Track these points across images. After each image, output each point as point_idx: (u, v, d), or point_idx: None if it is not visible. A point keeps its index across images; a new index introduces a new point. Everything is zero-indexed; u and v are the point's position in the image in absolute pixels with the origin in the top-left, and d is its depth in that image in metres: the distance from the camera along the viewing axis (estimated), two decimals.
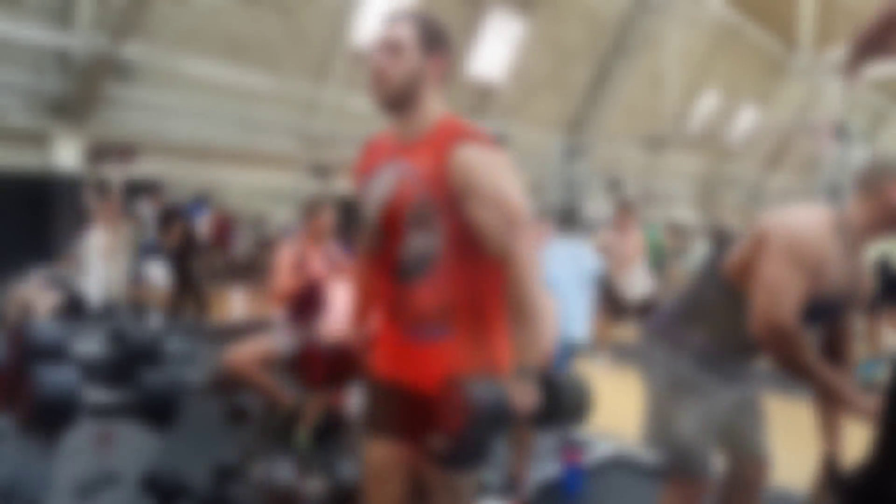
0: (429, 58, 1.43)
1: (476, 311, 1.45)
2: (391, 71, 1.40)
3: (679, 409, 1.75)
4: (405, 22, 1.42)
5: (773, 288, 1.55)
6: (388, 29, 1.42)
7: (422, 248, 1.42)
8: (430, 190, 1.39)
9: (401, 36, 1.41)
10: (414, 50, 1.41)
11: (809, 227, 1.60)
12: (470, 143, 1.39)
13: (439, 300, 1.42)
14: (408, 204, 1.41)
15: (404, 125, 1.47)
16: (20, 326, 2.06)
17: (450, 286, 1.42)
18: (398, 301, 1.48)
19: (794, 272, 1.55)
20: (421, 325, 1.45)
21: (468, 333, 1.44)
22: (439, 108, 1.48)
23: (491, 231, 1.37)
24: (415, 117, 1.45)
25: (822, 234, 1.58)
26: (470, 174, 1.37)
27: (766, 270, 1.58)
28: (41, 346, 2.02)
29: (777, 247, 1.58)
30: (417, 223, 1.41)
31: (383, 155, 1.52)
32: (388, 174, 1.47)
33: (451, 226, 1.40)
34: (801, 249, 1.56)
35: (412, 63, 1.41)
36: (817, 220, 1.61)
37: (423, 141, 1.44)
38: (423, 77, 1.42)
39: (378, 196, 1.48)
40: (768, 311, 1.55)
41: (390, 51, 1.40)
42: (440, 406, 1.34)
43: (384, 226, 1.46)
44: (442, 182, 1.38)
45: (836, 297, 1.66)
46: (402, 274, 1.45)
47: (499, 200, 1.36)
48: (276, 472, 2.36)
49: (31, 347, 2.00)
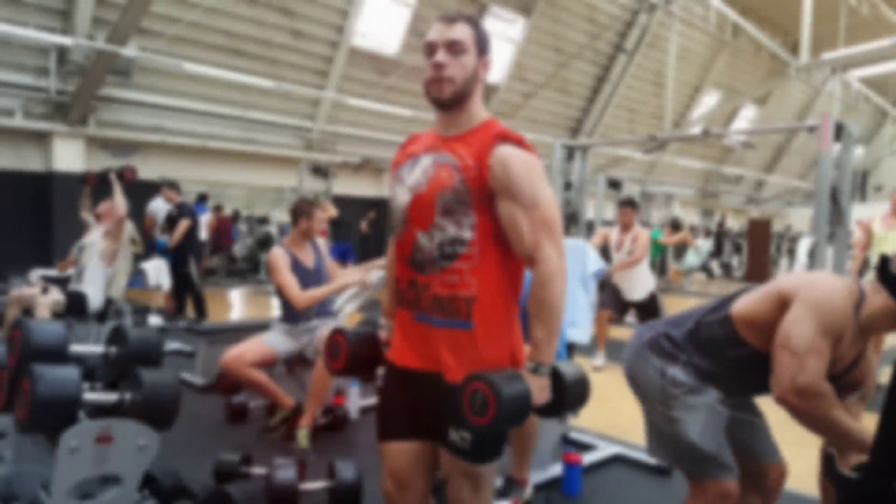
0: (481, 59, 1.49)
1: (496, 306, 1.47)
2: (454, 70, 1.44)
3: (684, 414, 1.73)
4: (464, 23, 1.47)
5: (805, 350, 1.53)
6: (450, 29, 1.46)
7: (449, 236, 1.45)
8: (467, 180, 1.43)
9: (463, 36, 1.45)
10: (473, 50, 1.47)
11: (840, 296, 1.58)
12: (513, 144, 1.45)
13: (463, 290, 1.45)
14: (442, 189, 1.44)
15: (452, 122, 1.51)
16: (20, 326, 2.06)
17: (474, 277, 1.45)
18: (422, 288, 1.49)
19: (824, 337, 1.54)
20: (442, 313, 1.46)
21: (487, 326, 1.46)
22: (484, 110, 1.54)
23: (524, 230, 1.41)
24: (463, 115, 1.50)
25: (848, 307, 1.58)
26: (510, 172, 1.41)
27: (795, 332, 1.56)
28: (41, 346, 2.02)
29: (810, 311, 1.56)
30: (447, 211, 1.44)
31: (422, 146, 1.56)
32: (426, 161, 1.50)
33: (481, 219, 1.44)
34: (833, 317, 1.55)
35: (472, 63, 1.47)
36: (846, 292, 1.60)
37: (466, 135, 1.49)
38: (477, 77, 1.49)
39: (412, 181, 1.51)
40: (798, 375, 1.53)
41: (454, 51, 1.45)
42: (464, 397, 1.37)
43: (414, 210, 1.48)
44: (481, 175, 1.42)
45: (841, 373, 1.65)
46: (428, 261, 1.47)
47: (536, 201, 1.42)
48: (276, 472, 2.36)
49: (31, 347, 2.00)
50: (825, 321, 1.54)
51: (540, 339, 1.42)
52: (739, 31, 15.21)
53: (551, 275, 1.40)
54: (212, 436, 3.29)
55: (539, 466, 2.79)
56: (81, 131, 9.57)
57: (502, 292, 1.49)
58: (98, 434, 1.85)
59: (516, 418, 1.38)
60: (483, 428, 1.35)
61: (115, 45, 7.85)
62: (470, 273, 1.44)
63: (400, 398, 1.57)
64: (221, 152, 10.94)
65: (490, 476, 1.55)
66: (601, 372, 5.17)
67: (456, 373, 1.44)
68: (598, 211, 8.98)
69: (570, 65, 14.19)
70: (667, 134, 12.29)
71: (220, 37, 10.12)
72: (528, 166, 1.43)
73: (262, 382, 3.22)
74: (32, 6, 8.56)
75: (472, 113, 1.50)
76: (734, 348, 1.72)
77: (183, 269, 6.50)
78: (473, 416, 1.36)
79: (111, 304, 4.47)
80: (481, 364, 1.44)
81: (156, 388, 1.98)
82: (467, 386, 1.38)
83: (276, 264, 3.32)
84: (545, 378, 1.42)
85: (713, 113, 16.26)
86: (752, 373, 1.70)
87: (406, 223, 1.50)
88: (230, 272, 12.18)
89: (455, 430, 1.47)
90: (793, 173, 22.38)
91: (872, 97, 19.46)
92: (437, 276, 1.46)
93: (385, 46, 12.04)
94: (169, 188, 6.69)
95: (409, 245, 1.50)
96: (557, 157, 7.03)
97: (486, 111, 1.55)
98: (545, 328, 1.41)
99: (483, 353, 1.45)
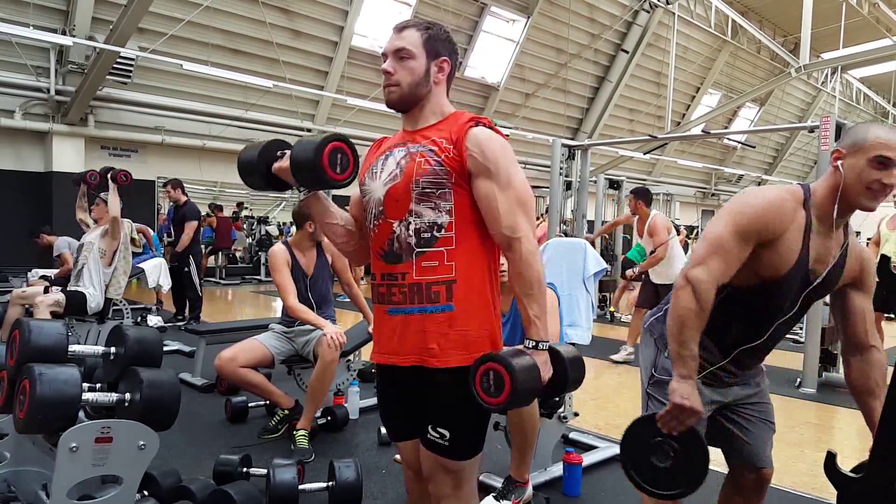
0: (435, 61, 1.53)
1: (474, 288, 1.49)
2: (399, 76, 1.50)
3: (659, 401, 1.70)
4: (413, 29, 1.52)
5: (712, 245, 1.51)
6: (398, 38, 1.52)
7: (426, 221, 1.46)
8: (444, 161, 1.45)
9: (408, 43, 1.50)
10: (421, 54, 1.50)
11: (762, 198, 1.54)
12: (484, 127, 1.49)
13: (442, 274, 1.46)
14: (418, 175, 1.46)
15: (416, 118, 1.55)
16: (20, 326, 2.06)
17: (452, 262, 1.46)
18: (398, 278, 1.50)
19: (735, 237, 1.50)
20: (421, 300, 1.47)
21: (467, 307, 1.48)
22: (450, 106, 1.57)
23: (502, 209, 1.44)
24: (426, 110, 1.54)
25: (773, 207, 1.52)
26: (486, 152, 1.44)
27: (709, 229, 1.55)
28: (41, 346, 2.02)
29: (727, 212, 1.54)
30: (423, 196, 1.46)
31: (392, 143, 1.59)
32: (399, 153, 1.53)
33: (459, 201, 1.47)
34: (748, 217, 1.51)
35: (420, 66, 1.50)
36: (776, 194, 1.56)
37: (436, 124, 1.53)
38: (429, 80, 1.52)
39: (386, 174, 1.52)
40: (696, 265, 1.51)
41: (399, 57, 1.50)
42: (476, 381, 1.41)
43: (390, 201, 1.50)
44: (460, 155, 1.45)
45: (805, 274, 1.59)
46: (406, 250, 1.48)
47: (511, 181, 1.45)
48: (276, 473, 2.36)
49: (31, 347, 2.00)
50: (738, 219, 1.51)
51: (534, 315, 1.44)
52: (739, 31, 15.21)
53: (531, 252, 1.44)
54: (212, 436, 3.29)
55: (539, 466, 2.79)
56: (81, 131, 9.57)
57: (480, 275, 1.50)
58: (98, 434, 1.84)
59: (531, 395, 1.42)
60: (500, 407, 1.38)
61: (115, 46, 7.84)
62: (448, 257, 1.46)
63: (392, 399, 1.63)
64: (221, 152, 10.94)
65: (471, 472, 1.56)
66: (614, 370, 5.17)
67: (441, 357, 1.46)
68: (598, 211, 8.97)
69: (571, 65, 14.19)
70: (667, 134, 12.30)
71: (220, 37, 10.12)
72: (502, 148, 1.47)
73: (258, 383, 3.21)
74: (32, 6, 8.56)
75: (435, 109, 1.54)
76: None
77: (184, 269, 6.50)
78: (489, 397, 1.39)
79: (111, 303, 4.47)
80: (465, 344, 1.46)
81: (156, 388, 1.98)
82: (478, 369, 1.41)
83: (275, 263, 3.32)
84: (545, 353, 1.45)
85: (713, 113, 16.26)
86: (738, 313, 1.65)
87: (381, 216, 1.52)
88: (230, 272, 12.18)
89: (433, 427, 1.48)
90: (793, 173, 22.38)
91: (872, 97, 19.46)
92: (414, 264, 1.47)
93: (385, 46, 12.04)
94: (174, 187, 6.69)
95: (385, 237, 1.51)
96: (557, 157, 7.04)
97: (453, 108, 1.58)
98: (537, 304, 1.44)
99: (465, 333, 1.47)
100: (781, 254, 1.54)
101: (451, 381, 1.46)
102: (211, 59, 9.81)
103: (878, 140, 1.49)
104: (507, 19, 13.26)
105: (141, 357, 2.12)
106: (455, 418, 1.48)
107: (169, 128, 10.41)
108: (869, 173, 1.50)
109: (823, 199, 1.57)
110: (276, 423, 3.29)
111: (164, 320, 6.52)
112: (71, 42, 8.39)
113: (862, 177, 1.50)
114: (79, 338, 4.27)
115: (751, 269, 1.56)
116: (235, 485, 2.23)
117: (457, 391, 1.46)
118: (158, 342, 2.23)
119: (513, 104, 14.20)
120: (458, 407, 1.48)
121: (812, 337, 4.74)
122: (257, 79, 9.57)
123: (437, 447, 1.49)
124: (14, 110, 9.07)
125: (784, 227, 1.53)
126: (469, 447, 1.52)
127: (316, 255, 3.48)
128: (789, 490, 2.82)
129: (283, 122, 11.43)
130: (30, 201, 9.47)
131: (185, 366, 4.62)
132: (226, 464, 2.54)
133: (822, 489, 2.77)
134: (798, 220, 1.55)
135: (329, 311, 3.46)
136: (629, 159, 16.07)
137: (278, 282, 3.29)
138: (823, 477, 1.52)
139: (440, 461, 1.50)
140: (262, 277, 12.10)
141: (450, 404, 1.49)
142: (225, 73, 9.35)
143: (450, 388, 1.47)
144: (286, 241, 3.47)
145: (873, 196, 1.52)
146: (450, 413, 1.49)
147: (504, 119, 13.26)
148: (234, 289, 10.96)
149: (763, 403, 1.82)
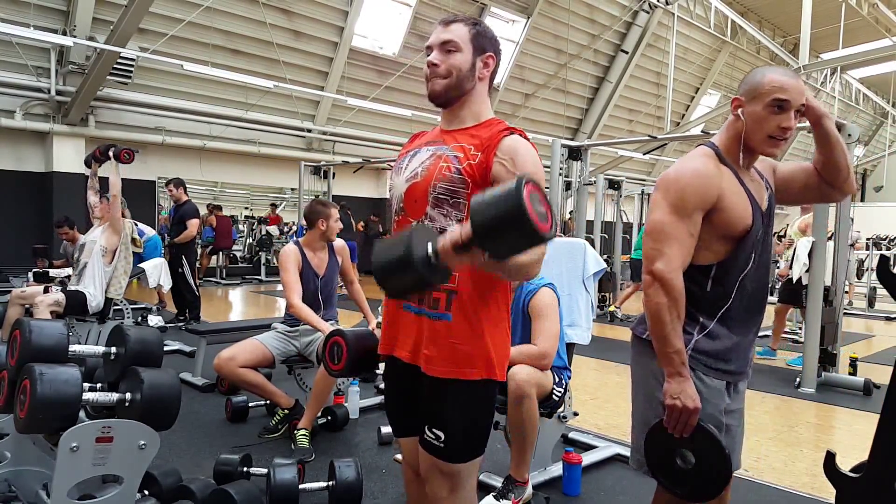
0: (480, 57, 1.53)
1: (475, 301, 1.46)
2: (445, 67, 1.50)
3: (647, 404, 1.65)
4: (460, 23, 1.53)
5: (660, 236, 1.50)
6: (445, 31, 1.52)
7: (438, 227, 1.45)
8: (464, 170, 1.44)
9: (456, 36, 1.50)
10: (468, 48, 1.50)
11: (687, 169, 1.52)
12: (519, 136, 1.49)
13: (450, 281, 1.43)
14: (436, 179, 1.46)
15: (454, 117, 1.55)
16: (20, 326, 2.06)
17: (458, 271, 1.43)
18: None
19: (679, 217, 1.49)
20: (425, 302, 1.47)
21: (465, 320, 1.45)
22: (490, 111, 1.58)
23: None
24: (465, 110, 1.54)
25: (701, 175, 1.51)
26: (517, 161, 1.43)
27: (650, 220, 1.54)
28: (41, 346, 2.02)
29: (661, 196, 1.52)
30: (437, 202, 1.46)
31: (425, 140, 1.59)
32: (425, 153, 1.53)
33: None
34: (682, 193, 1.49)
35: (466, 60, 1.50)
36: (697, 160, 1.55)
37: (471, 128, 1.52)
38: (473, 74, 1.52)
39: (409, 171, 1.53)
40: (655, 260, 1.49)
41: (446, 50, 1.50)
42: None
43: (409, 199, 1.51)
44: (486, 163, 1.44)
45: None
46: None
47: None
48: (276, 473, 2.36)
49: (32, 347, 2.00)
50: (671, 199, 1.50)
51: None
52: (739, 32, 15.22)
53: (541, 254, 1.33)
54: (212, 436, 3.29)
55: (539, 466, 2.79)
56: (81, 131, 9.57)
57: (483, 288, 1.47)
58: (98, 434, 1.84)
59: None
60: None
61: (116, 46, 7.85)
62: None
63: (396, 394, 1.64)
64: (221, 152, 10.94)
65: (469, 476, 1.54)
66: (614, 370, 5.18)
67: (433, 365, 1.45)
68: (598, 211, 8.96)
69: (570, 65, 14.20)
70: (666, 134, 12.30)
71: (221, 37, 10.13)
72: (533, 157, 1.47)
73: (257, 383, 3.22)
74: (33, 6, 8.57)
75: (474, 110, 1.54)
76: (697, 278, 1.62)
77: (177, 270, 6.51)
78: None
79: (111, 303, 4.47)
80: (454, 357, 1.44)
81: (156, 388, 1.98)
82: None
83: (284, 262, 3.32)
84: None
85: (713, 113, 16.26)
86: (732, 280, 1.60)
87: (402, 212, 1.53)
88: (230, 272, 12.18)
89: (429, 427, 1.48)
90: None
91: (872, 97, 19.46)
92: None
93: (385, 47, 12.05)
94: (176, 186, 6.72)
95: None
96: (557, 157, 7.04)
97: (492, 112, 1.58)
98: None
99: (459, 346, 1.44)
100: (734, 206, 1.53)
101: (438, 388, 1.46)
102: (211, 59, 9.82)
103: (773, 84, 1.49)
104: (507, 20, 13.28)
105: (141, 357, 2.12)
106: (446, 422, 1.47)
107: (169, 128, 10.41)
108: (768, 119, 1.51)
109: (729, 148, 1.58)
110: (276, 423, 3.29)
111: (166, 320, 6.52)
112: (71, 42, 8.39)
113: (762, 124, 1.52)
114: (79, 338, 4.28)
115: (718, 237, 1.54)
116: (236, 484, 2.23)
117: (445, 397, 1.45)
118: (159, 342, 2.23)
119: (512, 104, 14.20)
120: (448, 412, 1.47)
121: (811, 337, 4.74)
122: (257, 79, 9.57)
123: (433, 448, 1.48)
124: (14, 110, 9.07)
125: (718, 186, 1.52)
126: (465, 450, 1.50)
127: (328, 255, 3.47)
128: (789, 490, 2.82)
129: (284, 123, 11.43)
130: (30, 201, 9.48)
131: (186, 366, 4.62)
132: (226, 463, 2.54)
133: (822, 489, 2.77)
134: (724, 173, 1.55)
135: (332, 312, 3.47)
136: (629, 159, 16.07)
137: (285, 280, 3.29)
138: (823, 477, 1.52)
139: (436, 462, 1.50)
140: (262, 277, 12.10)
141: (440, 408, 1.48)
142: (225, 73, 9.35)
143: (437, 393, 1.47)
144: (297, 241, 3.47)
145: (774, 143, 1.54)
146: (441, 416, 1.48)
147: (504, 119, 13.24)
148: (234, 289, 10.96)
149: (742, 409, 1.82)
